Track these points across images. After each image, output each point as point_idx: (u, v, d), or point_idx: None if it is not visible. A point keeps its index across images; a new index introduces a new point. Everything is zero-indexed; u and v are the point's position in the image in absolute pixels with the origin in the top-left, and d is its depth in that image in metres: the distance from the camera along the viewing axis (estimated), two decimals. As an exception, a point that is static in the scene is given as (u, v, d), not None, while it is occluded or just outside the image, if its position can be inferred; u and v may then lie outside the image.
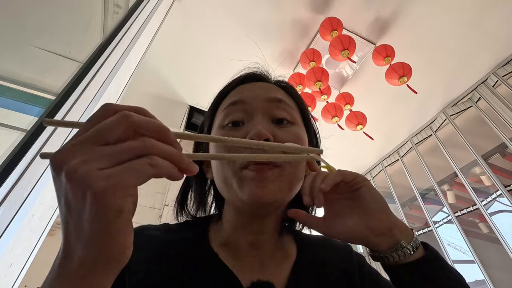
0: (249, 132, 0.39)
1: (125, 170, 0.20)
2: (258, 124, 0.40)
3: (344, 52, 1.84)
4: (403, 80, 1.84)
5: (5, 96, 0.73)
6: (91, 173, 0.19)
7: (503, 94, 2.18)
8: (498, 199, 2.12)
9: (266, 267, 0.42)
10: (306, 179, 0.40)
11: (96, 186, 0.19)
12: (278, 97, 0.44)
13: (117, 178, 0.20)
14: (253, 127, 0.39)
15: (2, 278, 0.59)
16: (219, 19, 2.03)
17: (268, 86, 0.47)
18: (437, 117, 2.59)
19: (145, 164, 0.21)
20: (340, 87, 2.42)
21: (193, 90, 2.56)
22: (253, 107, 0.42)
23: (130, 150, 0.21)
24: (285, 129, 0.42)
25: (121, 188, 0.20)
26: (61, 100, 0.78)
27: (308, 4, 1.95)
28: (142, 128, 0.22)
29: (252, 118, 0.42)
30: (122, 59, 1.07)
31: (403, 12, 1.97)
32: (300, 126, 0.45)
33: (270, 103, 0.43)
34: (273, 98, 0.44)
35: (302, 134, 0.44)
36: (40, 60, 0.81)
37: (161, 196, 2.57)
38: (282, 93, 0.47)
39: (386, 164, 3.07)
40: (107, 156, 0.20)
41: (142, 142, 0.21)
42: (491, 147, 2.32)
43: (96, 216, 0.20)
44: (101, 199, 0.19)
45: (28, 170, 0.64)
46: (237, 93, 0.45)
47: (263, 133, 0.38)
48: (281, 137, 0.40)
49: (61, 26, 0.90)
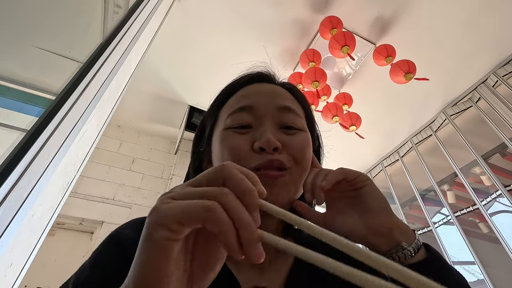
0: (258, 139, 0.39)
1: (180, 203, 0.20)
2: (268, 132, 0.40)
3: (344, 48, 1.83)
4: (409, 77, 1.82)
5: (5, 96, 0.73)
6: (162, 198, 0.21)
7: (503, 94, 2.18)
8: (498, 200, 2.12)
9: (266, 270, 0.42)
10: (309, 175, 0.40)
11: (153, 206, 0.21)
12: (288, 105, 0.44)
13: (168, 207, 0.20)
14: (262, 135, 0.39)
15: (2, 278, 0.59)
16: (219, 19, 2.03)
17: (277, 90, 0.47)
18: (437, 117, 2.59)
19: (200, 205, 0.20)
20: (340, 87, 2.42)
21: (193, 90, 2.56)
22: (262, 113, 0.42)
23: (202, 191, 0.21)
24: (293, 136, 0.42)
25: (165, 217, 0.20)
26: (61, 100, 0.78)
27: (308, 4, 1.95)
28: (230, 181, 0.22)
29: (261, 124, 0.41)
30: (122, 59, 1.07)
31: (403, 12, 1.97)
32: (307, 132, 0.45)
33: (280, 111, 0.43)
34: (283, 107, 0.44)
35: (309, 140, 0.44)
36: (40, 60, 0.81)
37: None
38: (291, 98, 0.47)
39: (386, 164, 3.07)
40: (183, 192, 0.22)
41: (216, 189, 0.21)
42: (491, 147, 2.32)
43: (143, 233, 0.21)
44: (148, 216, 0.21)
45: (28, 170, 0.64)
46: (244, 96, 0.45)
47: (272, 141, 0.38)
48: (289, 144, 0.41)
49: (61, 26, 0.90)
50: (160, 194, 0.86)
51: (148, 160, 2.79)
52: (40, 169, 0.67)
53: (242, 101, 0.44)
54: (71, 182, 0.84)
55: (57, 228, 2.28)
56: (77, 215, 2.20)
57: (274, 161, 0.38)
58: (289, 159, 0.40)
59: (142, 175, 2.65)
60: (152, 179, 2.67)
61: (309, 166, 0.43)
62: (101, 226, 2.24)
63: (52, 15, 0.84)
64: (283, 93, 0.47)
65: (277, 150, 0.39)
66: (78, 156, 0.85)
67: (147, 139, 2.92)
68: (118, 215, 2.32)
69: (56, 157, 0.71)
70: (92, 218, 2.23)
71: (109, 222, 2.25)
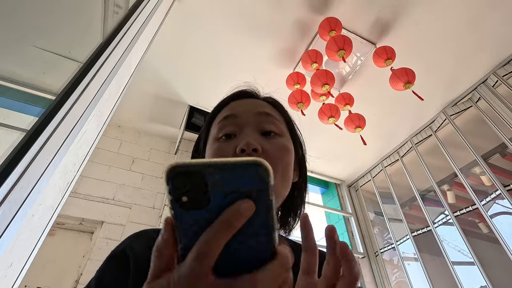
0: (240, 143, 0.43)
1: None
2: (248, 136, 0.44)
3: (340, 52, 1.84)
4: (408, 86, 1.86)
5: (5, 96, 0.73)
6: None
7: (503, 94, 2.18)
8: (497, 201, 2.12)
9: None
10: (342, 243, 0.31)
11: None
12: (266, 111, 0.49)
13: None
14: (243, 139, 0.43)
15: (2, 278, 0.59)
16: (219, 19, 2.03)
17: (257, 102, 0.52)
18: (437, 117, 2.59)
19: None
20: (340, 87, 2.42)
21: (193, 90, 2.56)
22: (244, 120, 0.47)
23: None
24: (273, 140, 0.46)
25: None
26: (61, 100, 0.78)
27: (308, 4, 1.95)
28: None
29: (242, 130, 0.46)
30: (122, 59, 1.07)
31: (404, 13, 1.97)
32: (286, 137, 0.49)
33: (259, 117, 0.48)
34: (261, 112, 0.48)
35: (288, 145, 0.48)
36: (40, 60, 0.81)
37: (161, 196, 2.57)
38: (270, 107, 0.52)
39: (386, 164, 3.07)
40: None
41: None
42: (491, 147, 2.32)
43: None
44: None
45: (28, 170, 0.64)
46: (229, 109, 0.50)
47: (251, 143, 0.42)
48: (268, 147, 0.44)
49: (61, 26, 0.90)
50: (160, 194, 0.86)
51: (148, 160, 2.79)
52: (40, 169, 0.67)
53: (226, 112, 0.50)
54: (71, 182, 0.84)
55: (57, 228, 2.27)
56: (77, 215, 2.20)
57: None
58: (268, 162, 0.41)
59: (142, 175, 2.65)
60: (152, 179, 2.67)
61: (288, 170, 0.45)
62: (101, 226, 2.24)
63: (52, 15, 0.84)
64: (262, 103, 0.52)
65: (257, 152, 0.42)
66: (78, 156, 0.85)
67: (147, 139, 2.92)
68: (118, 215, 2.32)
69: (56, 157, 0.71)
70: (92, 218, 2.23)
71: (109, 222, 2.25)
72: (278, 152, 0.44)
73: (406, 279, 2.55)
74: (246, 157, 0.19)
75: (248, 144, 0.42)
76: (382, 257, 2.92)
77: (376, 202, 3.07)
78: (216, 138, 0.47)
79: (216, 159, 0.19)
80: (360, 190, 3.40)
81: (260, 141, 0.44)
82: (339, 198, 3.49)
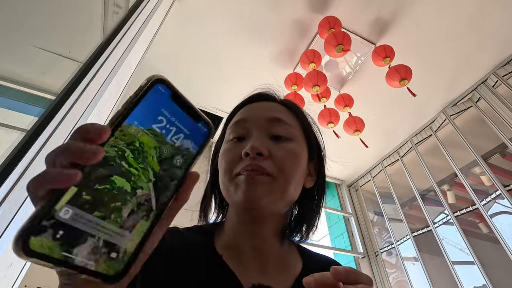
0: (246, 146, 0.44)
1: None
2: (255, 140, 0.44)
3: (339, 47, 1.83)
4: (404, 83, 1.85)
5: (5, 96, 0.73)
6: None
7: (503, 94, 2.18)
8: (497, 201, 2.12)
9: (268, 273, 0.43)
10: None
11: None
12: (277, 116, 0.49)
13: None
14: (249, 142, 0.44)
15: (2, 278, 0.59)
16: (219, 19, 2.03)
17: (271, 105, 0.52)
18: (437, 117, 2.59)
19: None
20: (340, 88, 2.42)
21: (193, 90, 2.55)
22: (253, 125, 0.48)
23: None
24: (282, 144, 0.46)
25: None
26: (61, 100, 0.78)
27: (307, 4, 1.95)
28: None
29: (251, 134, 0.47)
30: (122, 59, 1.07)
31: (404, 12, 1.97)
32: (298, 142, 0.48)
33: (269, 121, 0.48)
34: (272, 118, 0.48)
35: (298, 149, 0.47)
36: (40, 60, 0.81)
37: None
38: (284, 111, 0.51)
39: (386, 164, 3.07)
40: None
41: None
42: (491, 147, 2.32)
43: None
44: None
45: (28, 170, 0.64)
46: (241, 113, 0.51)
47: (255, 146, 0.42)
48: (276, 152, 0.44)
49: (61, 26, 0.90)
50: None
51: (148, 160, 2.78)
52: (40, 169, 0.67)
53: (238, 116, 0.51)
54: (71, 182, 0.84)
55: (57, 228, 2.27)
56: (77, 215, 2.20)
57: (252, 165, 0.42)
58: (274, 166, 0.43)
59: (142, 175, 2.65)
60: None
61: (296, 175, 0.45)
62: (101, 226, 2.24)
63: (52, 15, 0.84)
64: (276, 107, 0.51)
65: (262, 156, 0.43)
66: (78, 156, 0.84)
67: (147, 139, 2.92)
68: (118, 215, 2.31)
69: (56, 157, 0.71)
70: (92, 218, 2.23)
71: (109, 222, 2.25)
72: (286, 157, 0.44)
73: (406, 279, 2.55)
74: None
75: (253, 148, 0.42)
76: (382, 257, 2.92)
77: (376, 202, 3.07)
78: (228, 140, 0.49)
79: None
80: (360, 190, 3.40)
81: (268, 145, 0.44)
82: (339, 198, 3.49)
